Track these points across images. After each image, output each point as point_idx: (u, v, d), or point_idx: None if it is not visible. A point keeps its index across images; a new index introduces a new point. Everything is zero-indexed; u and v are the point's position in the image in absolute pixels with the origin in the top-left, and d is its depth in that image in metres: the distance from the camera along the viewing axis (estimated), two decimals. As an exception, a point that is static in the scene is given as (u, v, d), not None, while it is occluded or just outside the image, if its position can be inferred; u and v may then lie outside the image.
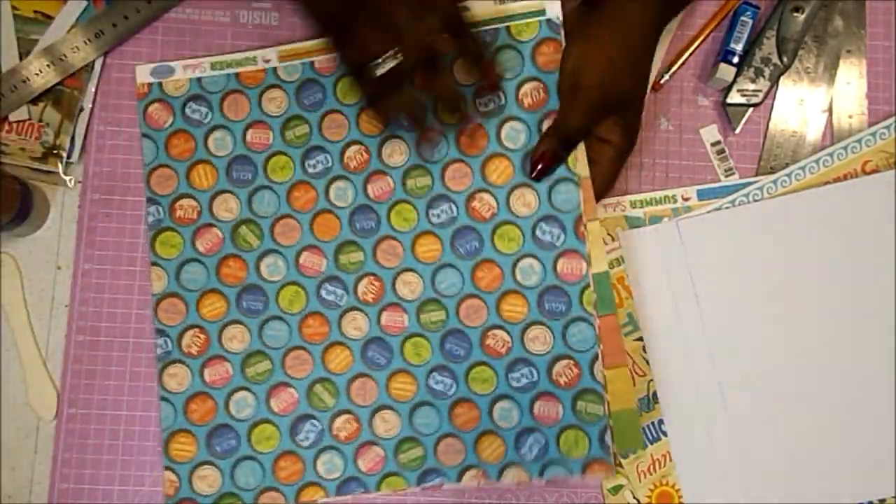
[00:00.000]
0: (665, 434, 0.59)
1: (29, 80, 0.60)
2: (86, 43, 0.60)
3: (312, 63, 0.59)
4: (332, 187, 0.58)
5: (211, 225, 0.58)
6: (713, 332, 0.59)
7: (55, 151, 0.60)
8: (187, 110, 0.59)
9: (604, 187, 0.56)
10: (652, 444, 0.59)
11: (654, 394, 0.59)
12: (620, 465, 0.59)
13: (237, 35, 0.62)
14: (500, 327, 0.56)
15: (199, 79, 0.59)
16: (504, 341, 0.56)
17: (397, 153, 0.58)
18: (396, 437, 0.56)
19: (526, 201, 0.56)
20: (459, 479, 0.56)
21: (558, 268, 0.56)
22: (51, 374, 0.59)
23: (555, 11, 0.56)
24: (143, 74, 0.60)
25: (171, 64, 0.59)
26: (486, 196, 0.57)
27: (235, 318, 0.57)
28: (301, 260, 0.57)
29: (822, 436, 0.58)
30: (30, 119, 0.60)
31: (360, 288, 0.57)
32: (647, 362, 0.59)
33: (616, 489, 0.59)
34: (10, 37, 0.61)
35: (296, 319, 0.57)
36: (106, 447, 0.59)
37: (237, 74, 0.59)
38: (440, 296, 0.57)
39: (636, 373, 0.59)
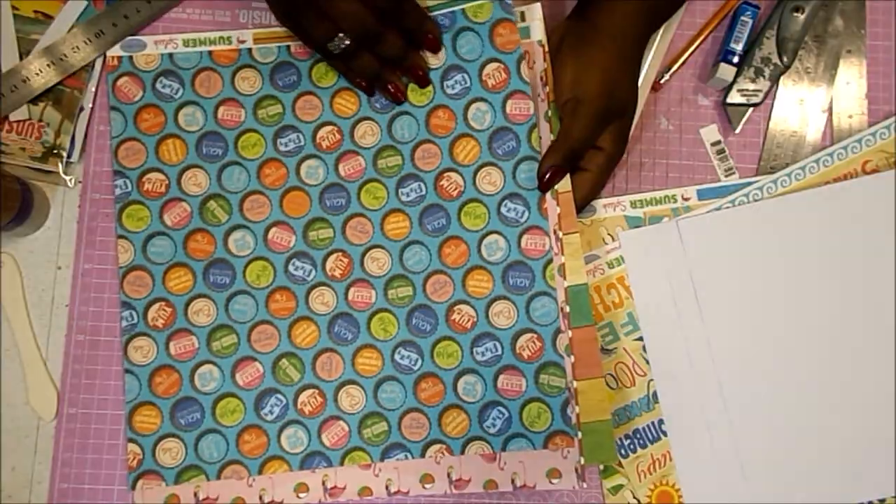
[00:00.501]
0: (665, 434, 0.59)
1: (29, 79, 0.60)
2: (86, 43, 0.60)
3: (289, 47, 0.59)
4: (303, 165, 0.58)
5: (179, 199, 0.58)
6: (713, 333, 0.59)
7: (55, 151, 0.60)
8: (158, 85, 0.59)
9: (593, 194, 0.57)
10: (652, 444, 0.59)
11: (654, 394, 0.59)
12: (620, 464, 0.59)
13: (237, 35, 0.62)
14: (466, 302, 0.57)
15: (170, 55, 0.59)
16: (469, 316, 0.57)
17: (369, 134, 0.58)
18: (361, 412, 0.56)
19: (492, 180, 0.57)
20: (423, 454, 0.56)
21: (522, 243, 0.56)
22: (51, 374, 0.59)
23: None
24: (113, 48, 0.60)
25: (143, 38, 0.60)
26: (453, 175, 0.57)
27: (202, 291, 0.58)
28: (270, 235, 0.58)
29: (822, 436, 0.58)
30: (30, 119, 0.60)
31: (329, 264, 0.57)
32: (647, 362, 0.59)
33: (616, 489, 0.59)
34: (10, 37, 0.61)
35: (263, 294, 0.57)
36: (106, 447, 0.59)
37: (210, 52, 0.59)
38: (407, 272, 0.57)
39: (636, 373, 0.59)
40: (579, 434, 0.55)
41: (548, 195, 0.56)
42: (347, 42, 0.53)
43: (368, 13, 0.52)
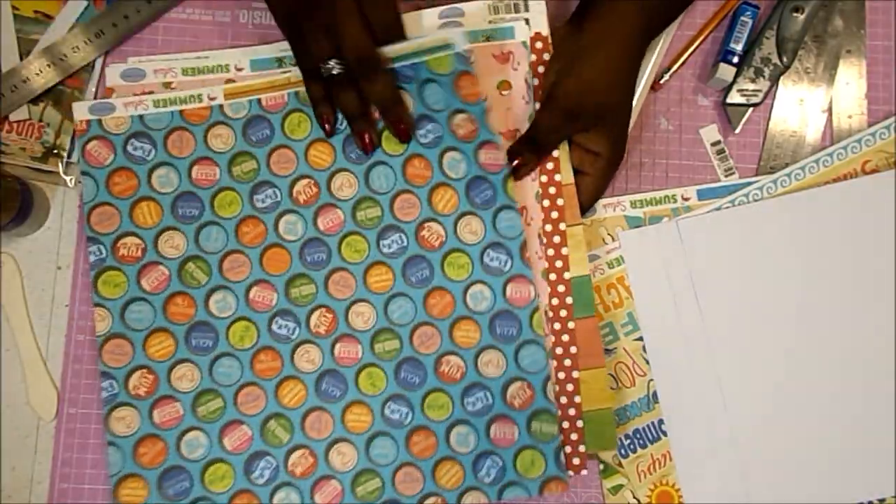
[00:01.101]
0: (665, 434, 0.59)
1: (29, 79, 0.60)
2: (86, 43, 0.60)
3: (259, 100, 0.58)
4: (281, 221, 0.57)
5: (156, 262, 0.57)
6: (713, 332, 0.59)
7: (55, 151, 0.60)
8: (129, 147, 0.58)
9: (594, 197, 0.58)
10: (652, 444, 0.59)
11: (654, 394, 0.59)
12: (620, 464, 0.59)
13: (237, 35, 0.62)
14: (454, 353, 0.56)
15: (140, 116, 0.58)
16: (458, 367, 0.56)
17: (346, 186, 0.57)
18: (353, 470, 0.55)
19: (472, 229, 0.56)
20: None
21: (507, 293, 0.56)
22: (51, 374, 0.59)
23: (462, 44, 0.56)
24: (81, 111, 0.58)
25: (112, 101, 0.58)
26: (434, 225, 0.57)
27: (184, 356, 0.56)
28: (251, 295, 0.57)
29: (822, 436, 0.58)
30: (30, 119, 0.60)
31: (313, 320, 0.56)
32: (647, 362, 0.59)
33: (616, 489, 0.59)
34: (11, 37, 0.61)
35: (247, 355, 0.56)
36: (106, 447, 0.59)
37: (181, 111, 0.58)
38: (393, 325, 0.56)
39: (636, 373, 0.59)
40: (570, 474, 0.56)
41: (541, 201, 0.57)
42: (342, 67, 0.52)
43: (371, 44, 0.52)
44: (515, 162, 0.56)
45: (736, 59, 0.61)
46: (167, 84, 0.59)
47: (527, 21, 0.58)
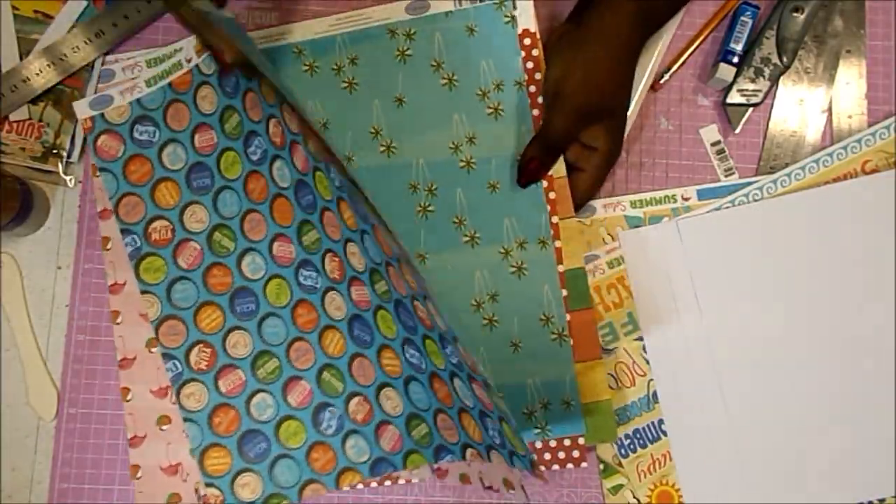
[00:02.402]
0: (665, 434, 0.59)
1: (29, 79, 0.60)
2: (86, 43, 0.60)
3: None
4: (273, 169, 0.57)
5: (187, 239, 0.58)
6: (713, 332, 0.59)
7: (55, 151, 0.60)
8: (136, 133, 0.59)
9: (591, 193, 0.58)
10: (652, 444, 0.59)
11: (654, 394, 0.59)
12: (620, 464, 0.59)
13: (237, 35, 0.62)
14: (420, 298, 0.54)
15: (138, 100, 0.59)
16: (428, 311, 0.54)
17: (292, 121, 0.55)
18: (403, 414, 0.55)
19: None
20: (463, 455, 0.53)
21: None
22: (51, 374, 0.59)
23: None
24: (82, 109, 0.59)
25: (109, 93, 0.59)
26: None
27: (234, 324, 0.57)
28: (274, 251, 0.58)
29: (822, 436, 0.58)
30: (30, 119, 0.60)
31: (327, 266, 0.57)
32: (647, 362, 0.59)
33: (616, 489, 0.59)
34: (10, 37, 0.61)
35: (287, 311, 0.57)
36: (106, 447, 0.59)
37: (170, 84, 0.59)
38: (375, 264, 0.54)
39: (636, 373, 0.59)
40: (569, 466, 0.56)
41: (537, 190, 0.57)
42: None
43: None
44: (531, 167, 0.56)
45: (736, 59, 0.61)
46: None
47: (514, 18, 0.58)
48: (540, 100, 0.58)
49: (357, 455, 0.56)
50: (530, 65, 0.58)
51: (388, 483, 0.58)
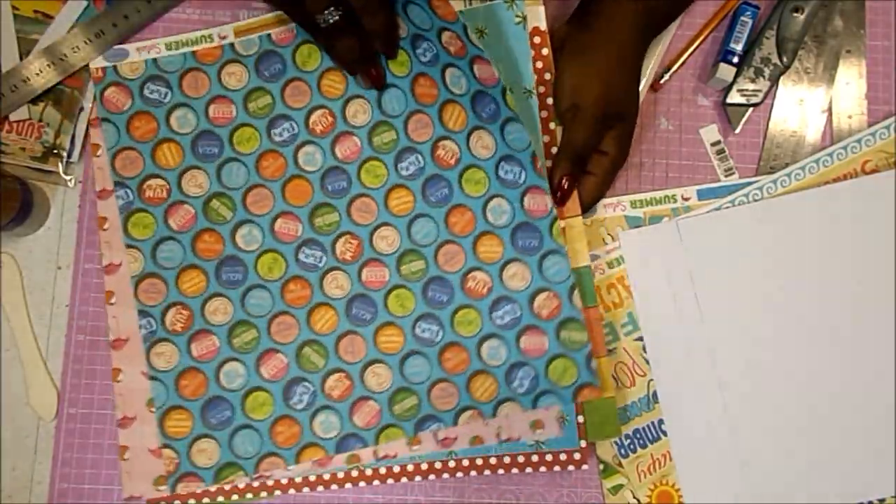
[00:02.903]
0: (665, 434, 0.59)
1: (29, 79, 0.60)
2: (86, 43, 0.60)
3: (269, 35, 0.60)
4: (300, 153, 0.59)
5: (182, 202, 0.59)
6: (713, 332, 0.59)
7: (55, 151, 0.60)
8: (146, 91, 0.59)
9: (598, 197, 0.58)
10: (652, 444, 0.59)
11: (654, 394, 0.59)
12: (620, 464, 0.59)
13: (237, 35, 0.62)
14: (479, 269, 0.57)
15: (154, 60, 0.60)
16: (484, 282, 0.57)
17: (361, 112, 0.58)
18: (389, 390, 0.57)
19: (485, 143, 0.57)
20: (456, 421, 0.56)
21: (525, 204, 0.56)
22: (51, 374, 0.59)
23: None
24: (96, 59, 0.60)
25: (125, 47, 0.60)
26: (448, 143, 0.57)
27: (216, 290, 0.58)
28: (276, 227, 0.58)
29: (822, 435, 0.58)
30: (30, 119, 0.60)
31: (339, 247, 0.58)
32: (647, 362, 0.59)
33: (616, 489, 0.59)
34: (10, 37, 0.61)
35: (277, 286, 0.58)
36: (106, 447, 0.59)
37: (194, 53, 0.60)
38: (417, 246, 0.58)
39: (636, 373, 0.59)
40: (571, 468, 0.56)
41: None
42: (338, 15, 0.52)
43: None
44: (564, 184, 0.55)
45: (736, 59, 0.61)
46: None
47: (524, 17, 0.58)
48: (549, 101, 0.58)
49: (325, 430, 0.57)
50: (540, 64, 0.58)
51: (416, 479, 0.58)
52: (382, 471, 0.57)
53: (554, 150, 0.57)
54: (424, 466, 0.57)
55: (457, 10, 0.52)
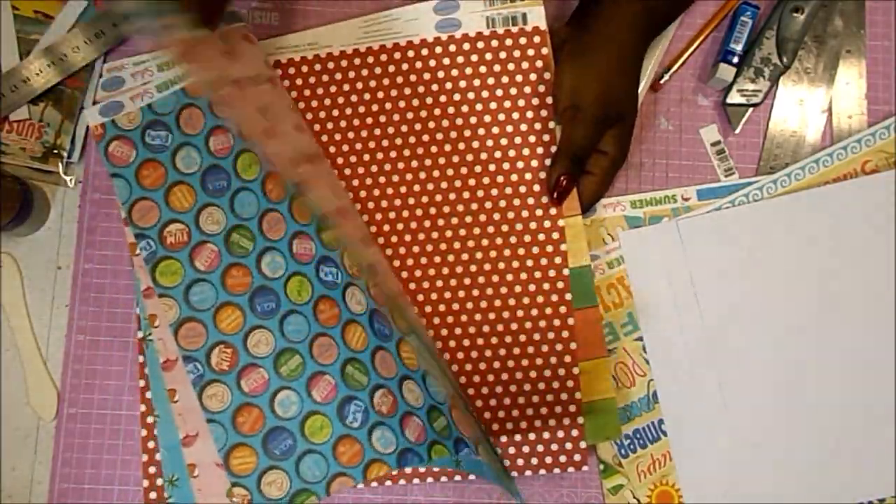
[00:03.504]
0: (665, 434, 0.59)
1: (29, 79, 0.60)
2: (86, 43, 0.60)
3: None
4: None
5: (204, 242, 0.58)
6: (713, 332, 0.59)
7: (55, 151, 0.60)
8: (147, 139, 0.59)
9: (597, 196, 0.58)
10: (652, 444, 0.59)
11: (654, 394, 0.59)
12: (620, 464, 0.59)
13: (237, 35, 0.62)
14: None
15: (149, 105, 0.59)
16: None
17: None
18: (424, 406, 0.55)
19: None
20: (477, 451, 0.54)
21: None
22: (51, 374, 0.59)
23: None
24: (94, 117, 0.59)
25: (118, 99, 0.59)
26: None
27: (255, 323, 0.57)
28: (294, 249, 0.58)
29: (822, 435, 0.58)
30: (30, 119, 0.60)
31: (346, 262, 0.57)
32: (647, 362, 0.59)
33: (616, 489, 0.59)
34: (10, 37, 0.61)
35: (308, 308, 0.57)
36: (106, 447, 0.59)
37: (183, 89, 0.59)
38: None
39: (636, 373, 0.59)
40: (571, 470, 0.55)
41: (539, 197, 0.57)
42: None
43: None
44: (562, 182, 0.55)
45: (736, 59, 0.61)
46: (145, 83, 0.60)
47: (524, 17, 0.58)
48: (549, 100, 0.58)
49: (384, 446, 0.56)
50: (539, 63, 0.58)
51: (415, 481, 0.58)
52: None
53: (553, 149, 0.57)
54: (423, 469, 0.57)
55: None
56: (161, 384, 0.58)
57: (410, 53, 0.59)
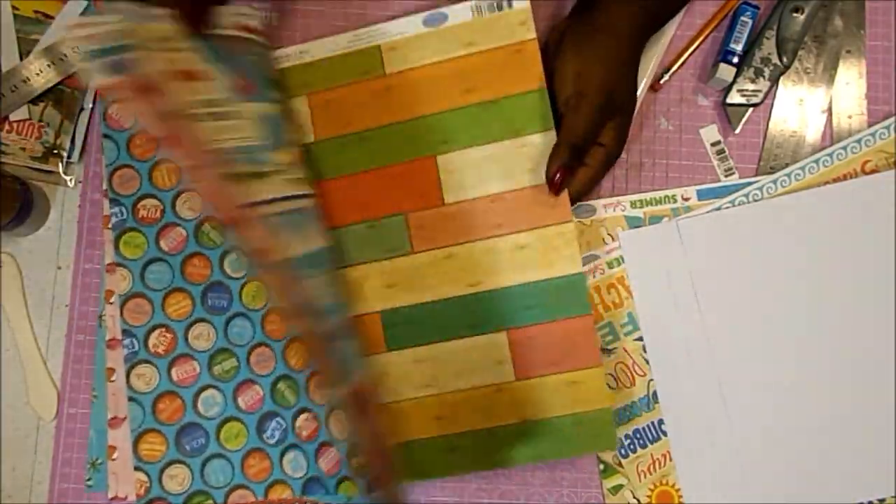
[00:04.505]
0: (665, 434, 0.59)
1: (29, 79, 0.60)
2: (86, 43, 0.60)
3: None
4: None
5: (174, 224, 0.58)
6: (713, 332, 0.59)
7: (55, 151, 0.60)
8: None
9: (589, 188, 0.57)
10: (652, 444, 0.59)
11: (654, 394, 0.59)
12: (620, 464, 0.59)
13: (237, 35, 0.62)
14: None
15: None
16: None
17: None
18: (347, 441, 0.55)
19: None
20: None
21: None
22: (51, 374, 0.59)
23: None
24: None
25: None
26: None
27: (201, 315, 0.57)
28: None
29: (822, 436, 0.58)
30: (30, 119, 0.60)
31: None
32: (647, 362, 0.59)
33: (616, 489, 0.59)
34: (10, 37, 0.61)
35: (258, 315, 0.57)
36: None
37: None
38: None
39: (636, 373, 0.59)
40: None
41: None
42: None
43: None
44: (557, 177, 0.55)
45: (736, 59, 0.61)
46: None
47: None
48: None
49: (293, 469, 0.55)
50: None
51: None
52: None
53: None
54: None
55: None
56: (104, 363, 0.58)
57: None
